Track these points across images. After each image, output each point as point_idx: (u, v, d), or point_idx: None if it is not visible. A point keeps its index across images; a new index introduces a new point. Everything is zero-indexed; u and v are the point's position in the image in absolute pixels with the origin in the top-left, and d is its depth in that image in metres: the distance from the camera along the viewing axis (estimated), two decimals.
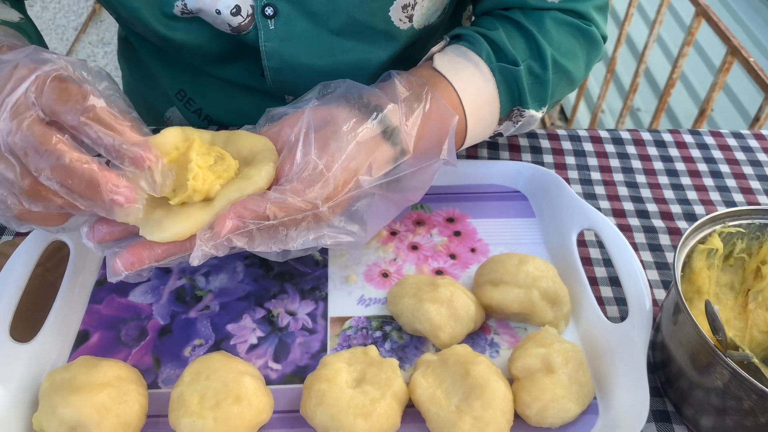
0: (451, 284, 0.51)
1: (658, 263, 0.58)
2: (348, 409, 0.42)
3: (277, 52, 0.60)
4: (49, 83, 0.39)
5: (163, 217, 0.42)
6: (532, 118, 0.59)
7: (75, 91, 0.39)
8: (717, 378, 0.42)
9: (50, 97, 0.38)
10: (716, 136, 0.72)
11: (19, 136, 0.37)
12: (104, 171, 0.39)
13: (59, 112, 0.38)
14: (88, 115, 0.38)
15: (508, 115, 0.58)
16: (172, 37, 0.61)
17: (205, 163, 0.44)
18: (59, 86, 0.39)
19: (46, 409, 0.42)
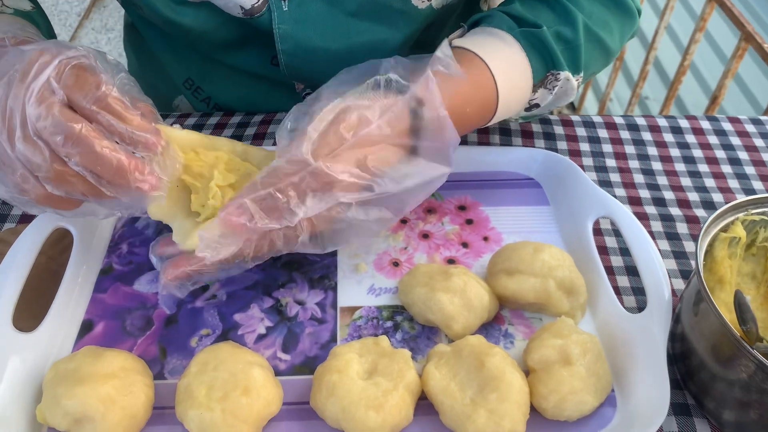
0: (464, 273, 0.49)
1: (675, 252, 0.56)
2: (360, 401, 0.41)
3: (291, 35, 0.59)
4: (68, 70, 0.40)
5: (191, 228, 0.44)
6: (569, 85, 0.56)
7: (90, 79, 0.40)
8: (741, 370, 0.40)
9: (67, 83, 0.39)
10: (734, 122, 0.70)
11: (50, 122, 0.38)
12: (132, 159, 0.40)
13: (74, 99, 0.39)
14: (100, 104, 0.39)
15: (543, 81, 0.55)
16: (180, 22, 0.60)
17: (226, 180, 0.46)
18: (77, 73, 0.40)
19: (50, 400, 0.41)
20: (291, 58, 0.61)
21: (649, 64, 1.54)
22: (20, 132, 0.39)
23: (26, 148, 0.39)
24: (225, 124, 0.69)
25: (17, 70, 0.40)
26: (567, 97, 0.58)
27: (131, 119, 0.40)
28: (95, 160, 0.39)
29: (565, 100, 0.58)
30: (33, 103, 0.38)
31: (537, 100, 0.57)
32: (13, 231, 0.54)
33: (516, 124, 0.69)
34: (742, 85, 1.90)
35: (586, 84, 1.87)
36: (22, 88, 0.39)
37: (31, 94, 0.39)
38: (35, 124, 0.39)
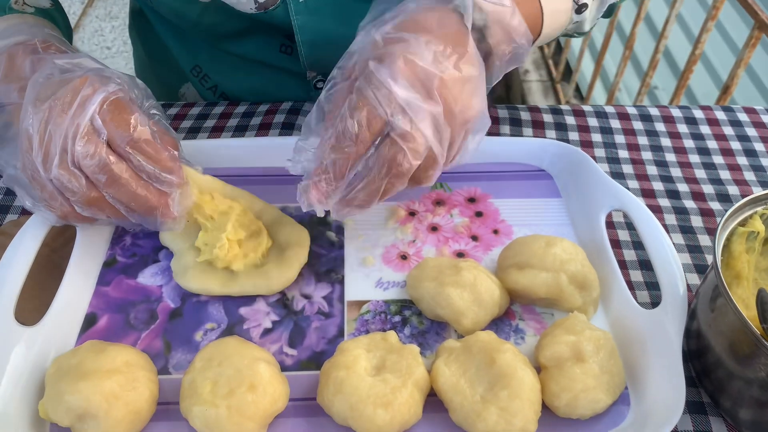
0: (474, 267, 0.48)
1: (690, 246, 0.55)
2: (368, 398, 0.40)
3: (309, 25, 0.58)
4: (107, 107, 0.43)
5: (189, 265, 0.50)
6: None
7: (126, 119, 0.43)
8: (760, 368, 0.39)
9: (107, 120, 0.43)
10: (750, 113, 0.68)
11: (96, 161, 0.42)
12: (159, 196, 0.45)
13: (113, 139, 0.43)
14: (134, 146, 0.44)
15: None
16: (188, 15, 0.59)
17: (236, 236, 0.50)
18: (115, 111, 0.43)
19: (53, 396, 0.40)
20: (311, 49, 0.60)
21: (659, 53, 1.52)
22: (59, 159, 0.42)
23: (64, 175, 0.42)
24: (230, 114, 0.67)
25: (59, 98, 0.42)
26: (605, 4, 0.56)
27: (160, 160, 0.45)
28: (131, 197, 0.44)
29: (606, 3, 0.56)
30: (81, 141, 0.42)
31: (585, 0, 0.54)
32: (15, 223, 0.54)
33: (527, 114, 0.68)
34: (753, 75, 1.87)
35: (595, 74, 1.85)
36: (65, 119, 0.42)
37: (77, 131, 0.42)
38: (81, 160, 0.42)
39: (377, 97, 0.41)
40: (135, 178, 0.44)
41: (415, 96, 0.42)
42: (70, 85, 0.43)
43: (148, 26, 0.74)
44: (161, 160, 0.45)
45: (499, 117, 0.67)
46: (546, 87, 2.20)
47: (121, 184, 0.44)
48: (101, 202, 0.45)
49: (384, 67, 0.42)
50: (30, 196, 0.45)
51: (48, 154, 0.42)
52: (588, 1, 0.54)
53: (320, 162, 0.43)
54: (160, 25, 0.71)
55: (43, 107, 0.42)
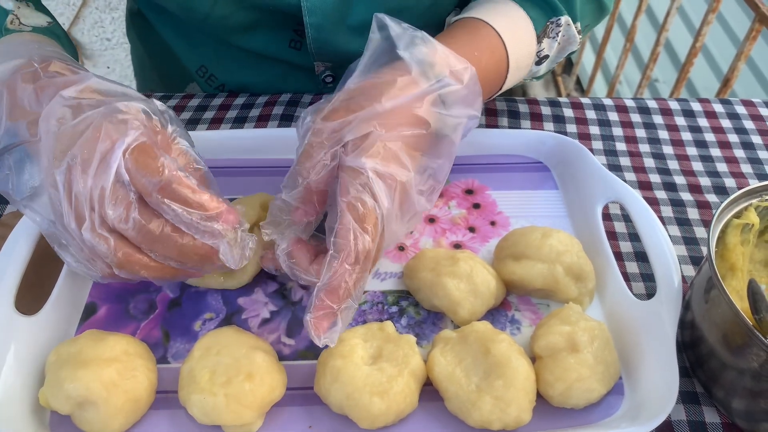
0: (470, 258, 0.49)
1: (686, 238, 0.55)
2: (364, 387, 0.41)
3: (319, 6, 0.57)
4: (130, 156, 0.39)
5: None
6: (570, 31, 0.56)
7: (152, 166, 0.40)
8: (753, 359, 0.39)
9: (132, 172, 0.40)
10: (748, 106, 0.68)
11: (131, 225, 0.39)
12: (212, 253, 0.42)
13: (142, 191, 0.40)
14: (166, 194, 0.39)
15: (545, 30, 0.55)
16: (199, 7, 0.58)
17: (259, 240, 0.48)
18: (139, 159, 0.40)
19: (53, 383, 0.41)
20: (318, 32, 0.60)
21: (660, 45, 1.52)
22: (88, 223, 0.40)
23: (93, 238, 0.40)
24: (229, 105, 0.68)
25: (76, 156, 0.39)
26: (570, 45, 0.58)
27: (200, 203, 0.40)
28: (181, 253, 0.41)
29: (569, 49, 0.58)
30: (110, 204, 0.39)
31: (545, 51, 0.56)
32: (15, 214, 0.54)
33: (525, 106, 0.68)
34: (754, 68, 1.87)
35: (596, 66, 1.85)
36: (87, 180, 0.39)
37: (103, 194, 0.39)
38: (117, 225, 0.40)
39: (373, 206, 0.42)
40: (176, 232, 0.41)
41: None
42: (84, 139, 0.40)
43: (147, 27, 0.74)
44: (201, 203, 0.40)
45: (498, 109, 0.67)
46: (547, 80, 2.19)
47: (163, 240, 0.40)
48: (132, 263, 0.41)
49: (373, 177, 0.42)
50: (70, 255, 0.43)
51: (79, 217, 0.40)
52: (549, 53, 0.57)
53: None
54: (163, 26, 0.70)
55: (62, 168, 0.40)
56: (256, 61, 0.67)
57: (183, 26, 0.68)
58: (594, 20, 0.60)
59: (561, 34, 0.56)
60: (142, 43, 0.77)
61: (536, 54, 0.56)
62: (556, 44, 0.56)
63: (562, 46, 0.57)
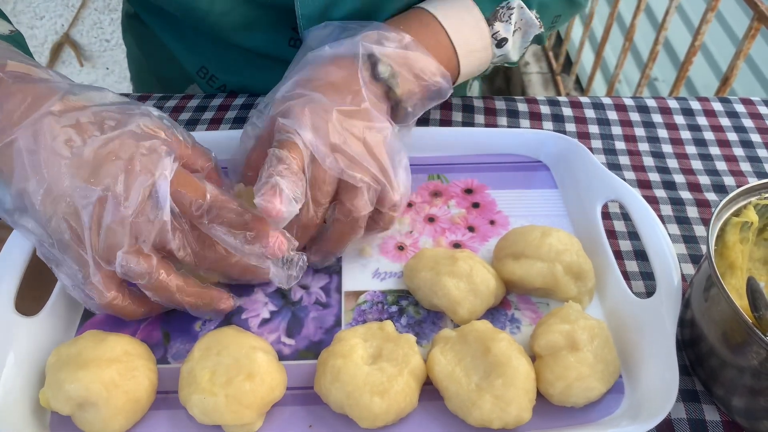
0: (470, 257, 0.49)
1: (685, 236, 0.55)
2: (364, 386, 0.41)
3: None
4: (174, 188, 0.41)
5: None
6: (524, 14, 0.57)
7: (198, 191, 0.42)
8: (752, 357, 0.39)
9: (180, 203, 0.41)
10: (747, 104, 0.68)
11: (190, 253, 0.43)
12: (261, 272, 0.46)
13: (192, 218, 0.42)
14: (212, 217, 0.42)
15: (495, 14, 0.56)
16: (196, 7, 0.58)
17: None
18: (182, 188, 0.41)
19: (53, 384, 0.41)
20: (310, 23, 0.59)
21: (659, 44, 1.52)
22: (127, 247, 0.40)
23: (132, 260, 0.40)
24: (228, 106, 0.68)
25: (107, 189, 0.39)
26: (531, 28, 0.58)
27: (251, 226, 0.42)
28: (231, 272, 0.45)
29: (531, 33, 0.59)
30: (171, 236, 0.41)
31: (501, 34, 0.57)
32: None
33: (524, 105, 0.68)
34: (753, 66, 1.87)
35: (595, 65, 1.85)
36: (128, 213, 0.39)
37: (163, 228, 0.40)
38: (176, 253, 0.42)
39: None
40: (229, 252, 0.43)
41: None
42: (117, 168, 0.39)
43: (144, 30, 0.73)
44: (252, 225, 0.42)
45: (497, 108, 0.67)
46: (546, 79, 2.19)
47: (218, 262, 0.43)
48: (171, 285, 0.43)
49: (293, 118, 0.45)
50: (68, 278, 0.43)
51: (110, 249, 0.40)
52: (507, 36, 0.57)
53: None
54: (161, 28, 0.70)
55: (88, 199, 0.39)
56: (257, 61, 0.67)
57: (182, 28, 0.68)
58: (565, 11, 0.61)
59: (514, 16, 0.56)
60: (138, 46, 0.77)
61: (492, 37, 0.56)
62: (512, 27, 0.57)
63: (523, 30, 0.58)
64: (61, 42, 2.24)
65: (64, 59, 2.30)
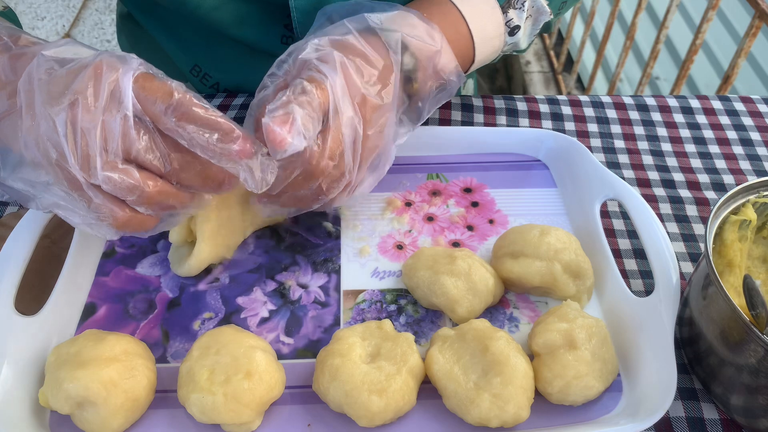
0: (468, 256, 0.49)
1: (684, 235, 0.55)
2: (362, 385, 0.41)
3: None
4: (137, 85, 0.38)
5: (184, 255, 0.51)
6: (537, 2, 0.56)
7: (163, 89, 0.38)
8: (750, 355, 0.39)
9: (143, 99, 0.38)
10: (746, 102, 0.68)
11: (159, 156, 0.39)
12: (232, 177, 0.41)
13: (154, 118, 0.38)
14: (180, 117, 0.38)
15: (509, 2, 0.55)
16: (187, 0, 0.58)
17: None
18: (147, 86, 0.38)
19: (53, 383, 0.41)
20: (304, 17, 0.59)
21: (660, 43, 1.51)
22: (99, 161, 0.37)
23: (114, 175, 0.37)
24: (228, 106, 0.68)
25: (79, 91, 0.37)
26: (541, 15, 0.57)
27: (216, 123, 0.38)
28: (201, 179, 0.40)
29: (541, 20, 0.58)
30: (134, 134, 0.37)
31: (514, 22, 0.56)
32: (15, 215, 0.54)
33: (523, 104, 0.68)
34: (755, 64, 1.87)
35: (597, 64, 1.85)
36: (97, 113, 0.37)
37: (126, 125, 0.37)
38: (143, 155, 0.38)
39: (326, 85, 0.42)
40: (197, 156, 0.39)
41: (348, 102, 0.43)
42: (85, 73, 0.37)
43: (138, 30, 0.73)
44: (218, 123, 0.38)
45: (496, 107, 0.67)
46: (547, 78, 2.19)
47: (187, 167, 0.39)
48: (163, 193, 0.39)
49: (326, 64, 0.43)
50: (76, 213, 0.40)
51: (87, 157, 0.37)
52: (520, 23, 0.56)
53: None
54: (154, 27, 0.70)
55: (61, 106, 0.37)
56: (250, 58, 0.67)
57: (174, 26, 0.68)
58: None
59: (527, 3, 0.56)
60: (132, 46, 0.77)
61: (506, 24, 0.55)
62: (525, 14, 0.56)
63: (533, 17, 0.57)
64: None
65: None
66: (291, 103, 0.40)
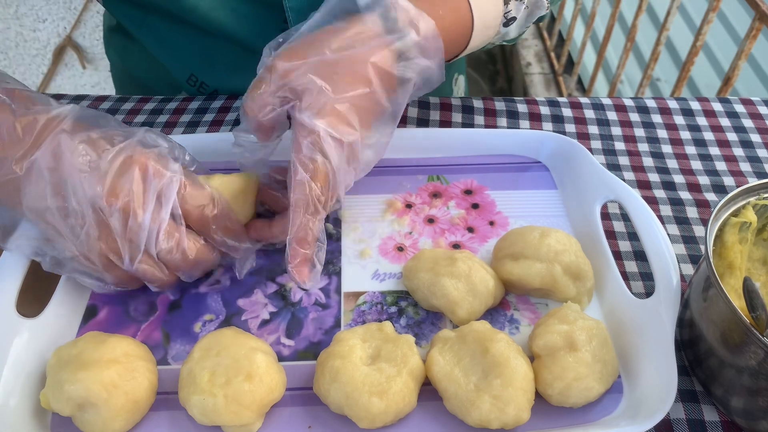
0: (469, 258, 0.49)
1: (685, 237, 0.55)
2: (363, 386, 0.41)
3: None
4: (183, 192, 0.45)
5: None
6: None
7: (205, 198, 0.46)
8: (751, 357, 0.40)
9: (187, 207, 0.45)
10: (747, 104, 0.68)
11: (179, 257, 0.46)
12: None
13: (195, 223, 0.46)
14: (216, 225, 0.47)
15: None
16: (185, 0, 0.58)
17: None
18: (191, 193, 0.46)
19: (54, 385, 0.41)
20: (299, 16, 0.59)
21: (661, 44, 1.52)
22: (143, 255, 0.45)
23: (148, 269, 0.46)
24: (229, 108, 0.68)
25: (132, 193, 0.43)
26: (538, 10, 0.57)
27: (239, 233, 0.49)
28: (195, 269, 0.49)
29: (536, 14, 0.58)
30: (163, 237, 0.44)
31: (512, 13, 0.55)
32: None
33: (524, 106, 0.68)
34: (755, 66, 1.87)
35: (597, 66, 1.85)
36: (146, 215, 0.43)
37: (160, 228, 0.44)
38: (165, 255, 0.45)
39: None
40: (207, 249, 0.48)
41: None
42: (132, 174, 0.43)
43: (128, 42, 0.73)
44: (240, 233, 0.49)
45: (497, 109, 0.68)
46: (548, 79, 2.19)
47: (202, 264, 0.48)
48: (172, 283, 0.48)
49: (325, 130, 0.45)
50: (97, 281, 0.47)
51: (134, 250, 0.44)
52: (517, 15, 0.56)
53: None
54: (146, 38, 0.69)
55: (117, 206, 0.43)
56: (245, 64, 0.67)
57: (168, 35, 0.67)
58: None
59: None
60: (122, 59, 0.77)
61: (503, 15, 0.55)
62: (524, 6, 0.55)
63: (530, 10, 0.56)
64: (64, 45, 2.25)
65: (67, 62, 2.30)
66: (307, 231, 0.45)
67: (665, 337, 0.44)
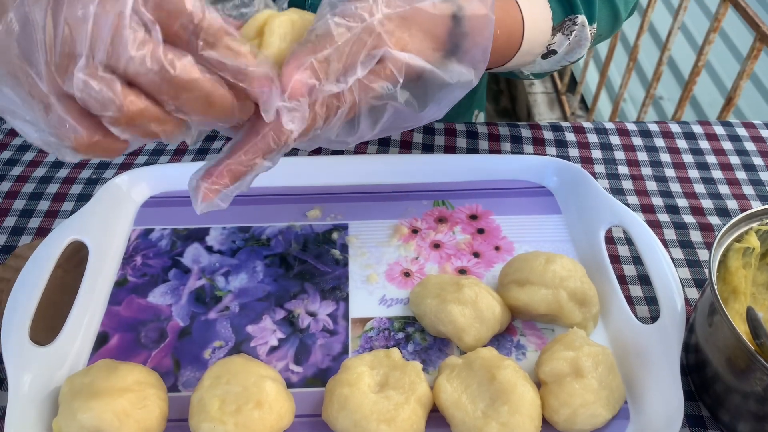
0: (475, 284, 0.49)
1: (689, 261, 0.56)
2: (371, 414, 0.41)
3: None
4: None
5: None
6: (583, 33, 0.54)
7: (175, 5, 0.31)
8: (756, 383, 0.40)
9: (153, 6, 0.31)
10: (749, 128, 0.69)
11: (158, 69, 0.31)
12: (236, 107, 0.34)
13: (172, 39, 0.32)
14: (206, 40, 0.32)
15: (561, 25, 0.53)
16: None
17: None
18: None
19: (66, 414, 0.42)
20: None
21: (663, 64, 1.53)
22: (85, 61, 0.30)
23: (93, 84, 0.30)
24: None
25: None
26: (580, 48, 0.56)
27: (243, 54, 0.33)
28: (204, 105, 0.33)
29: (577, 53, 0.56)
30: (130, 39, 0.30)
31: (554, 46, 0.54)
32: (29, 246, 0.55)
33: (527, 131, 0.69)
34: (759, 85, 1.88)
35: (600, 85, 1.86)
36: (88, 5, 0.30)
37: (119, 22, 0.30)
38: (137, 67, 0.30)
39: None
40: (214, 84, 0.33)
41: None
42: None
43: None
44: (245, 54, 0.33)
45: (500, 134, 0.68)
46: (551, 99, 2.21)
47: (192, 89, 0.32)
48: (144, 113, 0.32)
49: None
50: (32, 126, 0.33)
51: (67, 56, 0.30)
52: (557, 50, 0.55)
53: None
54: None
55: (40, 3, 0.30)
56: None
57: None
58: (607, 29, 0.59)
59: (575, 33, 0.54)
60: None
61: (546, 46, 0.54)
62: (567, 43, 0.55)
63: (571, 47, 0.56)
64: None
65: None
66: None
67: (671, 362, 0.44)
